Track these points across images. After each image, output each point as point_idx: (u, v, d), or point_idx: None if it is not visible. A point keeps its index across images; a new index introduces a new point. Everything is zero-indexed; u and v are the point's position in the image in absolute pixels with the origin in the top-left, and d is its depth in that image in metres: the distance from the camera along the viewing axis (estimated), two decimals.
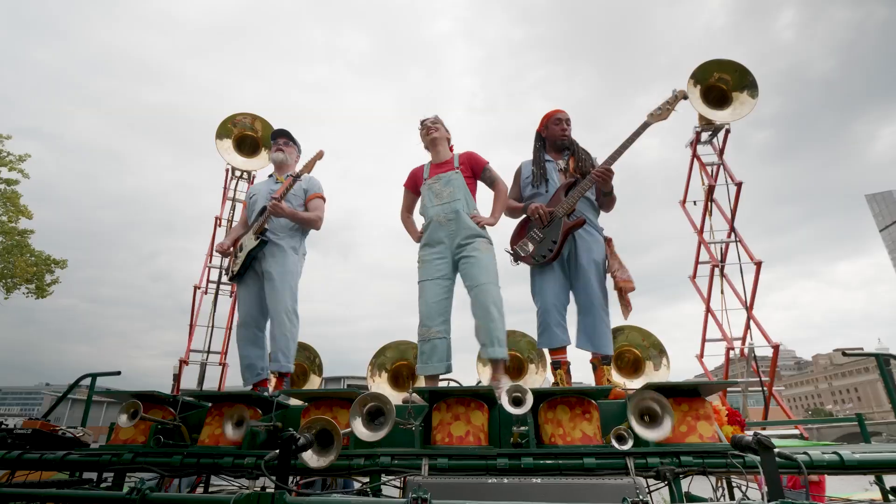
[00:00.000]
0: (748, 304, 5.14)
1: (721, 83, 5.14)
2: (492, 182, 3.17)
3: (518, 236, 3.07)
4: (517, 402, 1.86)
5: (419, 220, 3.25)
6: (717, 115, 5.22)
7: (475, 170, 3.16)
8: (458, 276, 3.00)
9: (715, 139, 5.67)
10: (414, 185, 3.26)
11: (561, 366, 2.83)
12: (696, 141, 5.70)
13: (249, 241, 3.18)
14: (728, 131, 5.50)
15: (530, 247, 2.95)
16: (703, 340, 5.63)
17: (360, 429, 1.59)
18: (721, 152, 5.59)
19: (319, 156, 3.23)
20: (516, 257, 3.02)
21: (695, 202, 5.91)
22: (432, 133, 3.21)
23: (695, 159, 5.73)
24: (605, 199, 3.06)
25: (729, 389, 5.37)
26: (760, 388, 4.73)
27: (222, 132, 5.46)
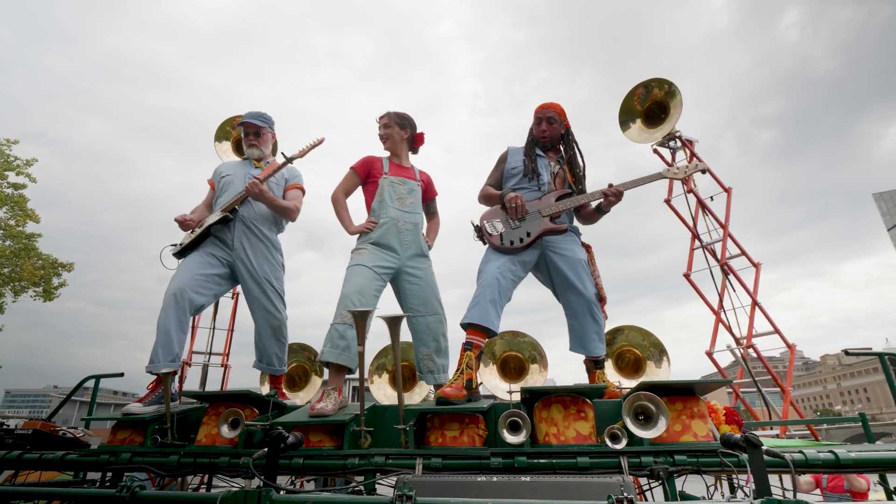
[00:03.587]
0: (719, 305, 5.25)
1: (655, 97, 5.51)
2: (433, 214, 3.22)
3: (489, 214, 2.84)
4: (514, 427, 1.86)
5: (355, 214, 3.04)
6: (671, 125, 5.63)
7: (427, 193, 3.12)
8: (393, 290, 2.91)
9: (676, 146, 6.02)
10: (365, 174, 3.00)
11: (473, 348, 2.42)
12: (663, 158, 6.10)
13: (214, 216, 2.89)
14: (680, 136, 5.88)
15: (500, 228, 2.72)
16: (713, 342, 5.68)
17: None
18: (692, 157, 5.87)
19: (319, 142, 3.03)
20: (481, 233, 2.79)
21: (710, 197, 6.14)
22: (384, 140, 3.05)
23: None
24: (597, 217, 2.92)
25: (744, 389, 5.37)
26: (756, 389, 4.72)
27: (221, 135, 5.50)
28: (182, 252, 2.91)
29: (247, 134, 3.16)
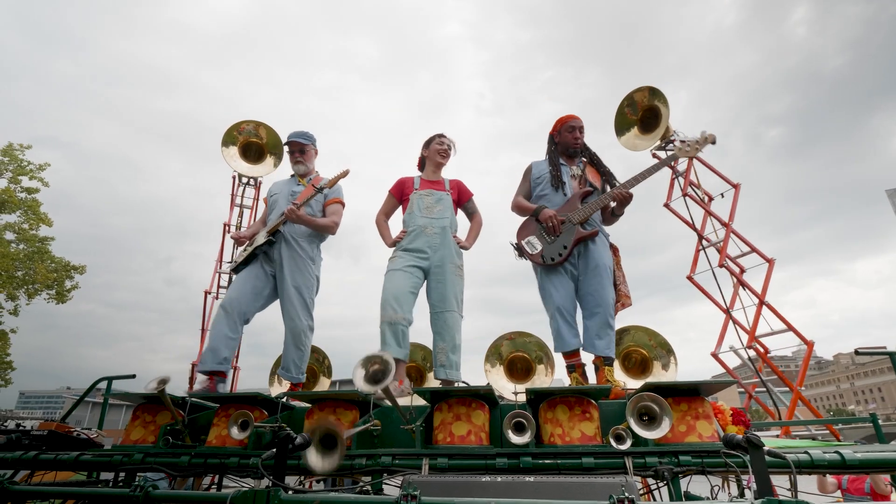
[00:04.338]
0: (730, 305, 5.25)
1: (643, 105, 5.64)
2: (472, 213, 3.50)
3: (524, 230, 3.07)
4: (519, 427, 1.88)
5: (395, 228, 3.41)
6: (663, 127, 5.76)
7: (461, 198, 3.43)
8: (425, 287, 3.16)
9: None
10: (400, 194, 3.39)
11: (576, 369, 2.85)
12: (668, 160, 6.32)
13: (260, 238, 3.23)
14: (674, 140, 6.02)
15: (539, 246, 2.94)
16: (720, 342, 5.67)
17: (360, 382, 1.65)
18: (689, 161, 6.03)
19: (344, 174, 3.31)
20: (521, 252, 3.02)
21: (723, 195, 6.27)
22: (447, 159, 3.42)
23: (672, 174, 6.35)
24: (613, 219, 3.11)
25: (758, 389, 5.33)
26: (766, 389, 4.69)
27: (228, 140, 5.55)
28: (237, 268, 3.27)
29: (292, 152, 3.45)
